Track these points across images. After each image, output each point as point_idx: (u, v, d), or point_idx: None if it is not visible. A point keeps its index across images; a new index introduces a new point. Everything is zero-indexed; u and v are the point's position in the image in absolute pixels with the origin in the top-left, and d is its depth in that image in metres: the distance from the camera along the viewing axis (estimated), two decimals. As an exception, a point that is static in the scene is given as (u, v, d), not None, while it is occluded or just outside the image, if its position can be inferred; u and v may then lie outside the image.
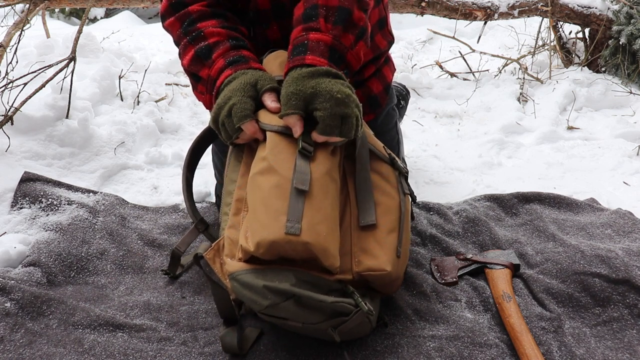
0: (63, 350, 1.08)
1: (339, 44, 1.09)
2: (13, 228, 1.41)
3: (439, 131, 2.33)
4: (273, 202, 0.99)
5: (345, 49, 1.10)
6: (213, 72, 1.15)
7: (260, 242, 0.96)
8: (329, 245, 0.99)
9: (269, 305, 0.96)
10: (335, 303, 0.99)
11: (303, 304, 0.97)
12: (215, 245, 1.08)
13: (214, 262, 1.07)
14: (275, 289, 0.96)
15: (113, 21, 4.71)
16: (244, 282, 0.98)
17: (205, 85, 1.17)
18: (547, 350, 1.10)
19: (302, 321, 1.00)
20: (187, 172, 1.30)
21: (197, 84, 1.21)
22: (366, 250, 1.07)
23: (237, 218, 1.07)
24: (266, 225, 0.97)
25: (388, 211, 1.11)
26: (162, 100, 2.30)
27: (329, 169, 1.04)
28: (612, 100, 2.55)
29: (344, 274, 1.05)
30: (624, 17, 2.69)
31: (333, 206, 1.03)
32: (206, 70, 1.16)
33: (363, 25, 1.14)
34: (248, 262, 1.00)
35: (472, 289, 1.28)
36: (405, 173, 1.18)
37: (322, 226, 0.99)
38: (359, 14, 1.13)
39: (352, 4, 1.12)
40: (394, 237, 1.09)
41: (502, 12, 2.83)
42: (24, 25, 2.13)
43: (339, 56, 1.09)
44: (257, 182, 1.03)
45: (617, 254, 1.31)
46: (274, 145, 1.04)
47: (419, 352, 1.10)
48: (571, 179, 1.88)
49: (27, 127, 1.77)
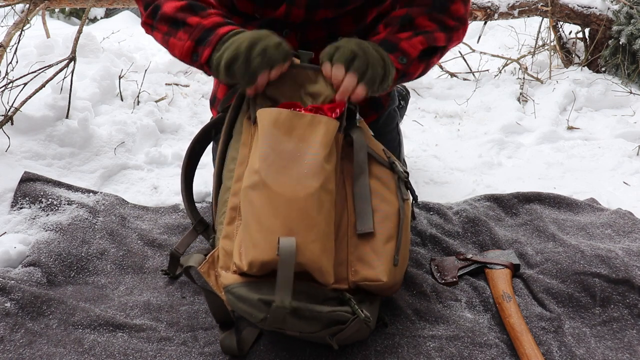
0: (63, 350, 1.07)
1: (392, 37, 1.17)
2: (13, 228, 1.41)
3: (439, 131, 2.33)
4: (265, 219, 0.98)
5: (399, 39, 1.16)
6: (208, 22, 1.12)
7: (253, 262, 0.96)
8: (322, 263, 0.98)
9: (264, 318, 0.96)
10: (331, 312, 0.99)
11: (299, 315, 0.96)
12: (209, 257, 1.07)
13: (209, 275, 1.06)
14: (270, 302, 0.95)
15: (113, 21, 4.71)
16: (239, 296, 0.98)
17: (191, 32, 1.13)
18: (547, 350, 1.10)
19: (299, 331, 0.99)
20: (185, 173, 1.29)
21: (177, 30, 1.15)
22: (362, 259, 1.06)
23: (231, 227, 1.06)
24: (258, 244, 0.96)
25: (386, 218, 1.09)
26: (162, 100, 2.30)
27: (324, 182, 1.02)
28: (612, 100, 2.55)
29: (339, 283, 1.04)
30: (624, 17, 2.69)
31: (327, 221, 1.02)
32: (197, 19, 1.13)
33: (424, 30, 1.20)
34: (242, 275, 0.99)
35: (472, 289, 1.28)
36: (405, 178, 1.15)
37: (315, 244, 0.98)
38: (424, 21, 1.21)
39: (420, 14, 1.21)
40: (391, 245, 1.08)
41: (502, 12, 2.83)
42: (24, 25, 2.13)
43: (391, 45, 1.15)
44: (249, 196, 1.01)
45: (617, 254, 1.31)
46: (266, 155, 1.02)
47: (419, 352, 1.10)
48: (571, 179, 1.88)
49: (27, 127, 1.77)
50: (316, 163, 1.02)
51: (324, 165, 1.03)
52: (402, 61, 1.16)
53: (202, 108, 2.37)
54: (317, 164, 1.02)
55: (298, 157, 1.03)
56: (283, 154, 1.03)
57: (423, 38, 1.19)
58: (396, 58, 1.15)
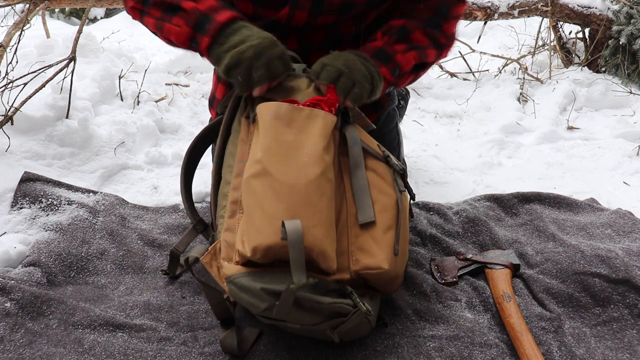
0: (63, 350, 1.08)
1: (389, 47, 1.20)
2: (13, 228, 1.41)
3: (439, 131, 2.33)
4: (268, 206, 0.98)
5: (395, 52, 1.20)
6: (203, 6, 1.11)
7: (257, 247, 0.96)
8: (325, 248, 0.99)
9: (266, 307, 0.96)
10: (333, 304, 0.99)
11: (301, 306, 0.97)
12: (211, 249, 1.07)
13: (211, 266, 1.06)
14: (272, 291, 0.95)
15: (113, 21, 4.71)
16: (241, 286, 0.98)
17: (187, 18, 1.12)
18: (547, 350, 1.10)
19: (300, 322, 1.00)
20: (185, 173, 1.29)
21: (173, 16, 1.14)
22: (363, 248, 1.07)
23: (233, 220, 1.06)
24: (262, 230, 0.96)
25: (385, 209, 1.10)
26: (162, 100, 2.30)
27: (324, 170, 1.03)
28: (612, 100, 2.55)
29: (341, 273, 1.04)
30: (624, 17, 2.69)
31: (329, 207, 1.03)
32: (192, 3, 1.12)
33: (418, 45, 1.24)
34: (245, 265, 0.99)
35: (472, 289, 1.28)
36: (400, 171, 1.17)
37: (318, 229, 0.98)
38: (419, 36, 1.25)
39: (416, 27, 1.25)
40: (391, 235, 1.09)
41: (502, 12, 2.83)
42: (24, 25, 2.13)
43: (386, 56, 1.19)
44: (251, 185, 1.02)
45: (617, 254, 1.32)
46: (268, 146, 1.04)
47: (419, 352, 1.10)
48: (571, 179, 1.88)
49: (27, 127, 1.77)
50: (316, 152, 1.04)
51: (323, 155, 1.05)
52: (395, 74, 1.21)
53: (202, 108, 2.37)
54: (316, 153, 1.04)
55: (298, 147, 1.04)
56: (284, 144, 1.04)
57: (416, 53, 1.23)
58: (389, 70, 1.20)
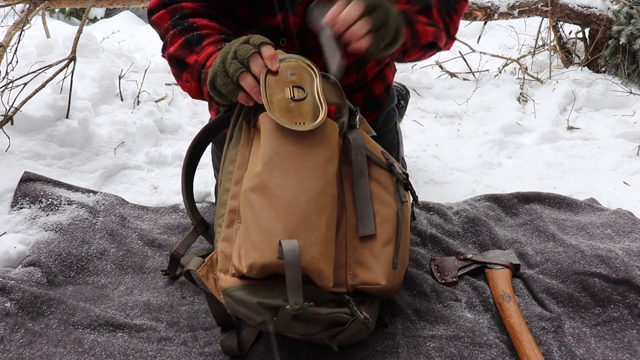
0: (63, 350, 1.08)
1: (412, 14, 1.15)
2: (13, 228, 1.41)
3: (439, 131, 2.33)
4: (265, 222, 0.97)
5: (417, 20, 1.15)
6: (201, 57, 1.12)
7: (253, 265, 0.95)
8: (322, 267, 0.98)
9: (262, 321, 0.96)
10: (330, 314, 0.99)
11: (298, 317, 0.96)
12: (208, 260, 1.06)
13: (207, 278, 1.04)
14: (269, 305, 0.95)
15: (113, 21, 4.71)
16: (238, 299, 0.97)
17: (192, 72, 1.14)
18: (547, 350, 1.10)
19: (298, 333, 0.99)
20: (186, 173, 1.28)
21: (183, 72, 1.16)
22: (361, 262, 1.06)
23: (230, 230, 1.05)
24: (258, 246, 0.96)
25: (385, 221, 1.09)
26: (162, 100, 2.30)
27: (325, 185, 1.01)
28: (612, 100, 2.55)
29: (338, 287, 1.04)
30: (624, 17, 2.69)
31: (328, 225, 1.01)
32: (194, 57, 1.13)
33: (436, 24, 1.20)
34: (241, 278, 0.99)
35: (472, 289, 1.28)
36: (403, 179, 1.14)
37: (315, 248, 0.97)
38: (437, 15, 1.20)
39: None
40: (390, 248, 1.08)
41: (502, 12, 2.83)
42: (24, 25, 2.13)
43: (408, 20, 1.13)
44: (249, 199, 1.00)
45: (617, 254, 1.31)
46: (268, 158, 1.01)
47: (419, 352, 1.10)
48: (571, 179, 1.88)
49: (27, 127, 1.77)
50: (318, 166, 1.02)
51: (326, 168, 1.03)
52: (412, 40, 1.15)
53: (202, 108, 2.37)
54: (318, 166, 1.02)
55: (300, 158, 1.02)
56: (285, 157, 1.01)
57: (434, 31, 1.19)
58: (409, 34, 1.13)
